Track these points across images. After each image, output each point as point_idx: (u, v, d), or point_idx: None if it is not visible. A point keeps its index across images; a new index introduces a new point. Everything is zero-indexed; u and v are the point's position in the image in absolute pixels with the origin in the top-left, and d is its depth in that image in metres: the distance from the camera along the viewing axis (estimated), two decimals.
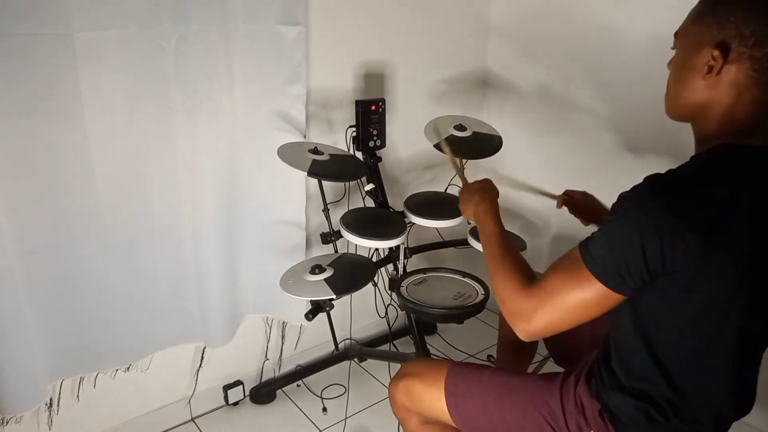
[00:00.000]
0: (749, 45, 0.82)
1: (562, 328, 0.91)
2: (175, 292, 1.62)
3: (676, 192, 0.82)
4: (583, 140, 1.98)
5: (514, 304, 0.95)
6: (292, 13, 1.57)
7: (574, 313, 0.89)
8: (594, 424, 1.02)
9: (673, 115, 0.96)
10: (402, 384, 1.23)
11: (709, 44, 0.85)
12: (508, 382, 1.14)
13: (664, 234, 0.80)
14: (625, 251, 0.83)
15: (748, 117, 0.86)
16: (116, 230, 1.46)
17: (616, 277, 0.84)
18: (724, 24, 0.83)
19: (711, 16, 0.85)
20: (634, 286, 0.85)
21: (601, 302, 0.87)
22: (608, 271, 0.85)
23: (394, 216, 1.74)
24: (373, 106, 1.74)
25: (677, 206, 0.80)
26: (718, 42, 0.84)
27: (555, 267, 0.92)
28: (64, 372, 1.52)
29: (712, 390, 0.94)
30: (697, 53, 0.87)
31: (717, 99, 0.87)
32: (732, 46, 0.83)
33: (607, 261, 0.85)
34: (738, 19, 0.82)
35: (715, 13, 0.85)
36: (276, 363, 1.98)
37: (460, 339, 2.23)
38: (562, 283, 0.89)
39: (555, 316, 0.90)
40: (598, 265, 0.86)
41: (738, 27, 0.82)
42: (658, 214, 0.81)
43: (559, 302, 0.89)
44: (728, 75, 0.84)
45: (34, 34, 1.22)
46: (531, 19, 2.06)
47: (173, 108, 1.45)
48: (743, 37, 0.82)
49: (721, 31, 0.84)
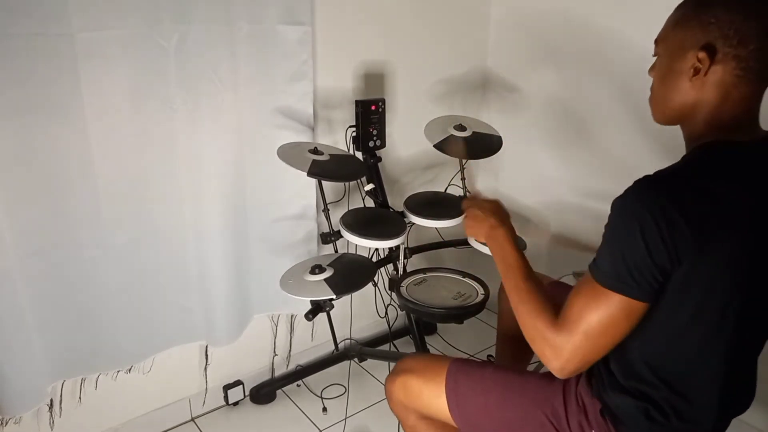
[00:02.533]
0: (733, 44, 0.83)
1: (599, 355, 0.89)
2: (178, 292, 1.62)
3: (668, 185, 0.83)
4: (583, 140, 1.98)
5: (547, 343, 0.91)
6: (296, 14, 1.58)
7: (605, 336, 0.87)
8: (595, 423, 1.02)
9: (661, 120, 0.97)
10: (399, 380, 1.22)
11: (693, 47, 0.86)
12: (511, 381, 1.14)
13: (662, 227, 0.80)
14: (630, 253, 0.83)
15: (735, 114, 0.87)
16: (118, 231, 1.46)
17: (628, 281, 0.84)
18: (707, 26, 0.85)
19: (693, 20, 0.87)
20: (649, 287, 0.84)
21: (626, 315, 0.86)
22: (619, 278, 0.84)
23: (394, 216, 1.74)
24: (373, 106, 1.74)
25: (670, 197, 0.81)
26: (703, 44, 0.85)
27: (573, 294, 0.91)
28: (65, 373, 1.52)
29: (711, 389, 0.94)
30: (682, 57, 0.88)
31: (704, 99, 0.88)
32: (717, 47, 0.84)
33: (615, 268, 0.85)
34: (720, 20, 0.83)
35: (696, 16, 0.86)
36: (277, 366, 1.98)
37: (460, 339, 2.23)
38: (583, 307, 0.87)
39: (587, 345, 0.87)
40: (608, 276, 0.85)
41: (721, 28, 0.83)
42: (656, 209, 0.81)
43: (587, 328, 0.86)
44: (714, 75, 0.86)
45: (35, 34, 1.22)
46: (531, 19, 2.06)
47: (175, 108, 1.45)
48: (727, 37, 0.83)
49: (705, 33, 0.85)
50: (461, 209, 1.26)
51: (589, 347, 0.88)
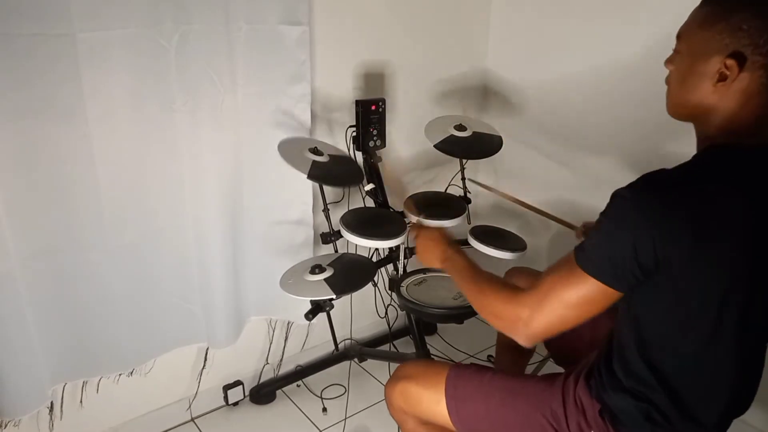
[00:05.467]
0: (763, 53, 0.81)
1: (562, 327, 0.92)
2: (179, 294, 1.62)
3: (667, 189, 0.83)
4: (583, 140, 1.98)
5: (510, 312, 0.95)
6: (295, 14, 1.57)
7: (571, 311, 0.89)
8: (594, 424, 1.02)
9: (674, 115, 0.96)
10: (399, 386, 1.22)
11: (720, 53, 0.84)
12: (511, 386, 1.14)
13: (655, 232, 0.81)
14: (617, 248, 0.84)
15: (750, 121, 0.86)
16: (119, 233, 1.45)
17: (608, 270, 0.86)
18: (737, 32, 0.82)
19: (722, 23, 0.84)
20: (627, 282, 0.86)
21: (598, 299, 0.88)
22: (601, 266, 0.86)
23: (394, 216, 1.74)
24: (373, 106, 1.74)
25: (668, 202, 0.81)
26: (732, 51, 0.83)
27: (549, 270, 0.94)
28: (67, 376, 1.52)
29: (711, 392, 0.94)
30: (707, 60, 0.86)
31: (724, 105, 0.87)
32: (747, 55, 0.82)
33: (600, 257, 0.86)
34: (752, 27, 0.81)
35: (726, 20, 0.83)
36: (277, 365, 1.98)
37: (460, 339, 2.23)
38: (557, 283, 0.90)
39: (553, 316, 0.91)
40: (591, 261, 0.87)
41: (752, 36, 0.81)
42: (650, 213, 0.82)
43: (556, 302, 0.90)
44: (741, 83, 0.84)
45: (36, 34, 1.21)
46: (531, 19, 2.06)
47: (175, 108, 1.44)
48: (757, 45, 0.81)
49: (734, 39, 0.83)
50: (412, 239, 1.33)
51: (555, 319, 0.90)
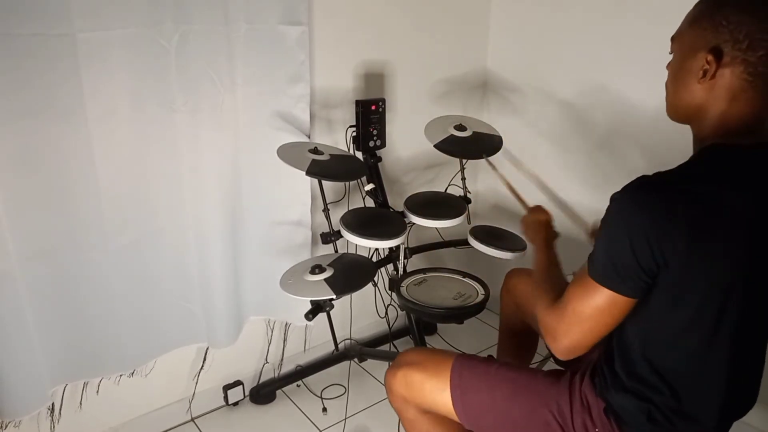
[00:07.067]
0: (742, 49, 0.83)
1: (588, 340, 0.93)
2: (179, 294, 1.62)
3: (661, 190, 0.84)
4: (583, 139, 1.98)
5: (543, 322, 0.99)
6: (295, 14, 1.57)
7: (591, 323, 0.91)
8: (599, 422, 1.02)
9: (672, 117, 0.98)
10: (401, 373, 1.21)
11: (703, 49, 0.86)
12: (518, 378, 1.14)
13: (650, 233, 0.82)
14: (618, 253, 0.86)
15: (741, 119, 0.87)
16: (119, 233, 1.45)
17: (614, 278, 0.87)
18: (718, 28, 0.84)
19: (706, 21, 0.86)
20: (635, 286, 0.87)
21: (612, 308, 0.90)
22: (606, 273, 0.88)
23: (394, 216, 1.74)
24: (373, 106, 1.74)
25: (662, 203, 0.83)
26: (712, 47, 0.85)
27: (572, 282, 0.96)
28: (67, 377, 1.51)
29: (712, 392, 0.94)
30: (693, 57, 0.88)
31: (712, 102, 0.88)
32: (725, 51, 0.84)
33: (604, 264, 0.88)
34: (732, 23, 0.83)
35: (710, 17, 0.86)
36: (277, 366, 1.98)
37: (460, 339, 2.23)
38: (574, 294, 0.93)
39: (576, 329, 0.92)
40: (597, 271, 0.89)
41: (732, 31, 0.83)
42: (644, 214, 0.83)
43: (575, 315, 0.92)
44: (723, 79, 0.86)
45: (36, 34, 1.21)
46: (531, 19, 2.06)
47: (175, 108, 1.45)
48: (737, 41, 0.83)
49: (716, 35, 0.85)
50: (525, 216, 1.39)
51: (578, 333, 0.92)
